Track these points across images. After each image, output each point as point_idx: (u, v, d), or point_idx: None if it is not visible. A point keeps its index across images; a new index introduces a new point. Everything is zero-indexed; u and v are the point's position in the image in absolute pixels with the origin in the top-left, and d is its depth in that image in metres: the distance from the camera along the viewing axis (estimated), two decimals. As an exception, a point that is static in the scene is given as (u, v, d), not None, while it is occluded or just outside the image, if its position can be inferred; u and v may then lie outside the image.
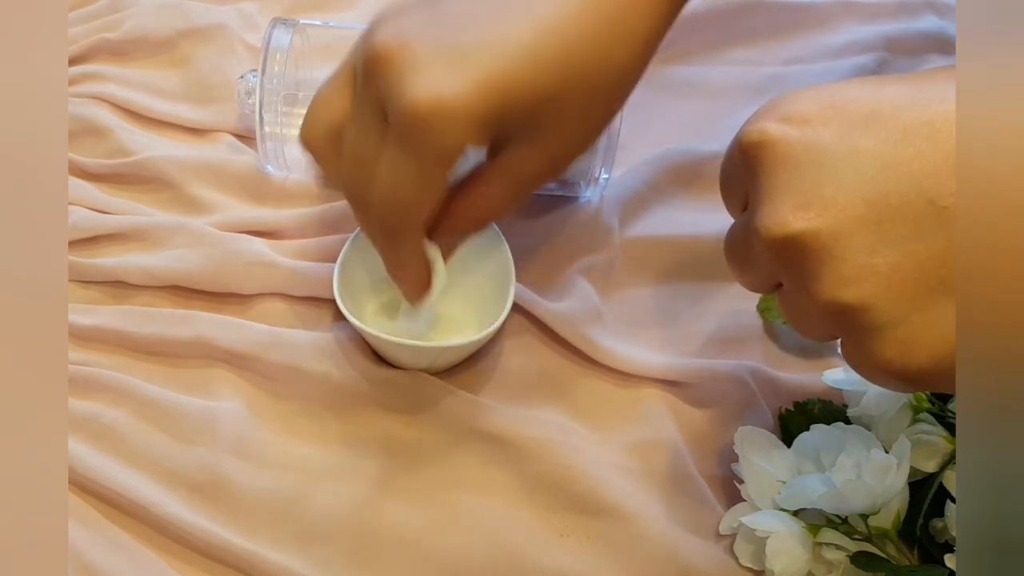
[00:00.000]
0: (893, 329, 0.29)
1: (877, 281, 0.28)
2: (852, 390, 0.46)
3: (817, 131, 0.30)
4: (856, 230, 0.28)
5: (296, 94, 0.56)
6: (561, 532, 0.45)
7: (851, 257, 0.28)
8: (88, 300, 0.53)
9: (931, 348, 0.28)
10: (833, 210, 0.29)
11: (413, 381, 0.48)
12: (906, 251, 0.28)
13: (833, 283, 0.29)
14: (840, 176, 0.29)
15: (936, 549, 0.42)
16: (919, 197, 0.28)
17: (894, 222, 0.28)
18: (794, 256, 0.30)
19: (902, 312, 0.28)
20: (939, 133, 0.28)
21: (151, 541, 0.44)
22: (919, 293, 0.28)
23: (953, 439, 0.43)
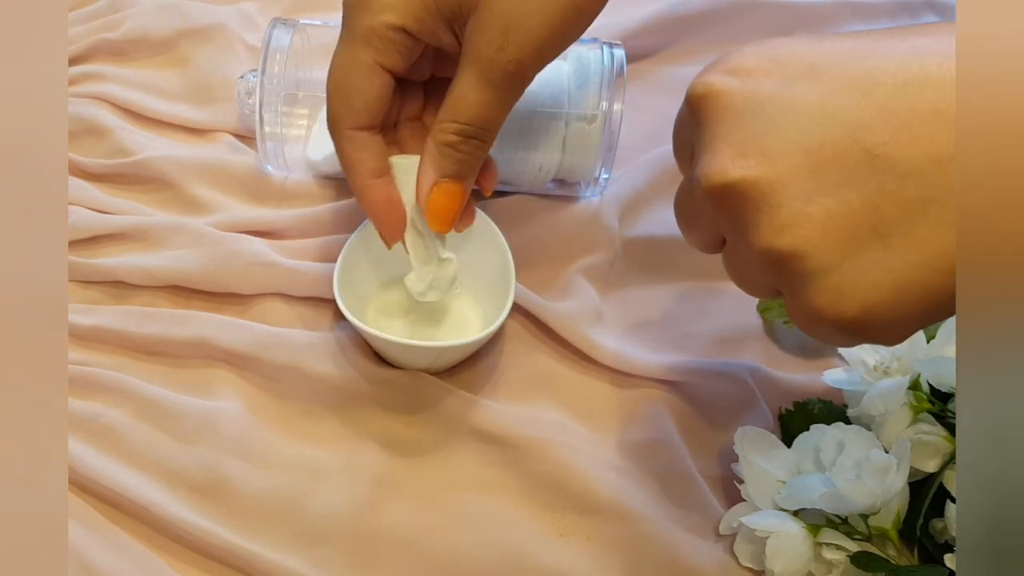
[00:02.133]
0: (826, 276, 0.29)
1: (811, 228, 0.29)
2: (852, 390, 0.46)
3: (758, 82, 0.30)
4: (792, 178, 0.29)
5: (296, 94, 0.56)
6: (561, 532, 0.45)
7: (786, 204, 0.29)
8: (88, 300, 0.53)
9: (863, 295, 0.29)
10: (770, 158, 0.29)
11: (413, 381, 0.48)
12: (840, 199, 0.28)
13: (769, 230, 0.29)
14: (778, 126, 0.29)
15: (936, 549, 0.42)
16: (854, 145, 0.28)
17: (829, 170, 0.29)
18: (732, 204, 0.30)
19: (835, 259, 0.29)
20: (875, 85, 0.29)
21: (151, 541, 0.44)
22: (852, 240, 0.28)
23: (953, 439, 0.43)
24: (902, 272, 0.28)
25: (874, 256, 0.28)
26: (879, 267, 0.28)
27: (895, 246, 0.28)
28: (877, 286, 0.28)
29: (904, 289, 0.28)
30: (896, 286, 0.28)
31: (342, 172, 0.57)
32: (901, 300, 0.28)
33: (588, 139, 0.52)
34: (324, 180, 0.58)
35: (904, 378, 0.44)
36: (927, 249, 0.28)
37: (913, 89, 0.28)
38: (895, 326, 0.29)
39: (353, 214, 0.55)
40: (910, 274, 0.28)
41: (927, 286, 0.28)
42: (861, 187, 0.28)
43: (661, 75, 0.65)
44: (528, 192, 0.56)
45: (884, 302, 0.29)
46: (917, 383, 0.44)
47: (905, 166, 0.28)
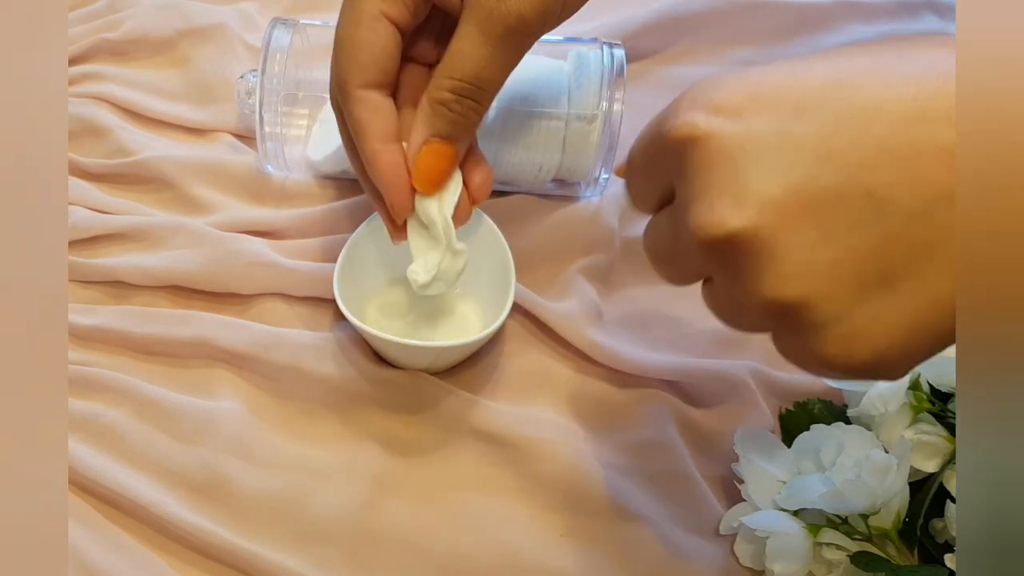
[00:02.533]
0: (837, 325, 0.28)
1: (818, 278, 0.28)
2: (852, 390, 0.46)
3: (749, 123, 0.29)
4: (795, 226, 0.28)
5: (296, 94, 0.56)
6: (561, 532, 0.45)
7: (791, 254, 0.28)
8: (88, 300, 0.53)
9: (873, 342, 0.28)
10: (771, 206, 0.28)
11: (413, 381, 0.48)
12: (846, 245, 0.28)
13: (774, 282, 0.28)
14: (776, 170, 0.28)
15: (936, 549, 0.42)
16: (856, 188, 0.27)
17: (833, 216, 0.28)
18: (732, 255, 0.29)
19: (844, 308, 0.28)
20: (871, 122, 0.28)
21: (151, 541, 0.44)
22: (860, 287, 0.28)
23: (953, 439, 0.43)
24: (912, 316, 0.28)
25: (884, 302, 0.28)
26: (890, 312, 0.28)
27: (904, 290, 0.27)
28: (888, 332, 0.28)
29: (915, 332, 0.28)
30: (907, 330, 0.28)
31: (342, 172, 0.57)
32: (912, 343, 0.28)
33: (588, 139, 0.52)
34: (324, 180, 0.58)
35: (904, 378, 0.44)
36: (937, 291, 0.27)
37: (911, 123, 0.27)
38: (904, 365, 0.29)
39: (353, 214, 0.55)
40: (920, 317, 0.28)
41: (938, 328, 0.28)
42: (867, 231, 0.27)
43: (661, 75, 0.65)
44: (528, 192, 0.56)
45: (895, 346, 0.28)
46: (917, 383, 0.44)
47: (910, 207, 0.27)
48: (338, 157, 0.56)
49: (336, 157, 0.56)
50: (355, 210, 0.55)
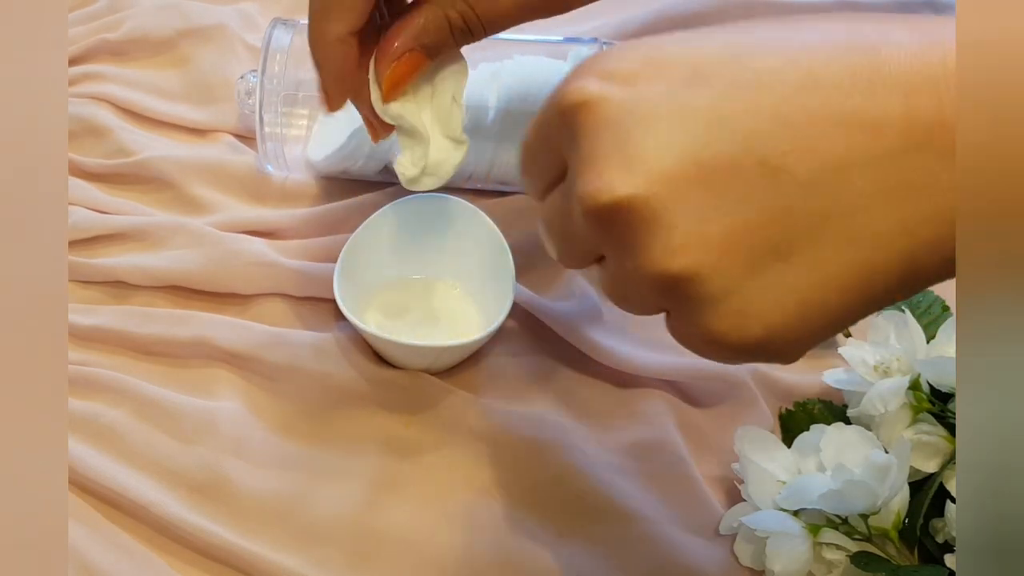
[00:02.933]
0: (726, 300, 0.27)
1: (708, 250, 0.26)
2: (852, 390, 0.46)
3: (642, 89, 0.27)
4: (686, 195, 0.26)
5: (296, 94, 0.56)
6: (561, 532, 0.45)
7: (681, 224, 0.26)
8: (88, 300, 0.53)
9: (765, 317, 0.27)
10: (661, 174, 0.26)
11: (413, 381, 0.48)
12: (738, 216, 0.26)
13: (662, 253, 0.27)
14: (668, 137, 0.27)
15: (936, 549, 0.42)
16: (749, 157, 0.26)
17: (725, 185, 0.26)
18: (619, 225, 0.27)
19: (735, 282, 0.27)
20: (764, 88, 0.26)
21: (151, 541, 0.44)
22: (752, 260, 0.27)
23: (953, 439, 0.43)
24: (806, 291, 0.27)
25: (776, 276, 0.27)
26: (783, 287, 0.27)
27: (797, 263, 0.26)
28: (780, 307, 0.27)
29: (807, 308, 0.27)
30: (799, 305, 0.27)
31: (342, 172, 0.57)
32: (804, 319, 0.27)
33: (588, 139, 0.52)
34: (324, 180, 0.58)
35: (904, 378, 0.44)
36: (830, 266, 0.26)
37: (805, 92, 0.26)
38: (798, 345, 0.28)
39: (353, 214, 0.55)
40: (813, 293, 0.27)
41: (831, 304, 0.27)
42: (759, 202, 0.26)
43: (661, 75, 0.65)
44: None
45: (788, 322, 0.27)
46: (917, 383, 0.44)
47: (804, 177, 0.26)
48: (338, 157, 0.56)
49: (336, 157, 0.56)
50: (355, 210, 0.55)
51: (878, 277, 0.26)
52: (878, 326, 0.46)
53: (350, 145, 0.55)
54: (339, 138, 0.55)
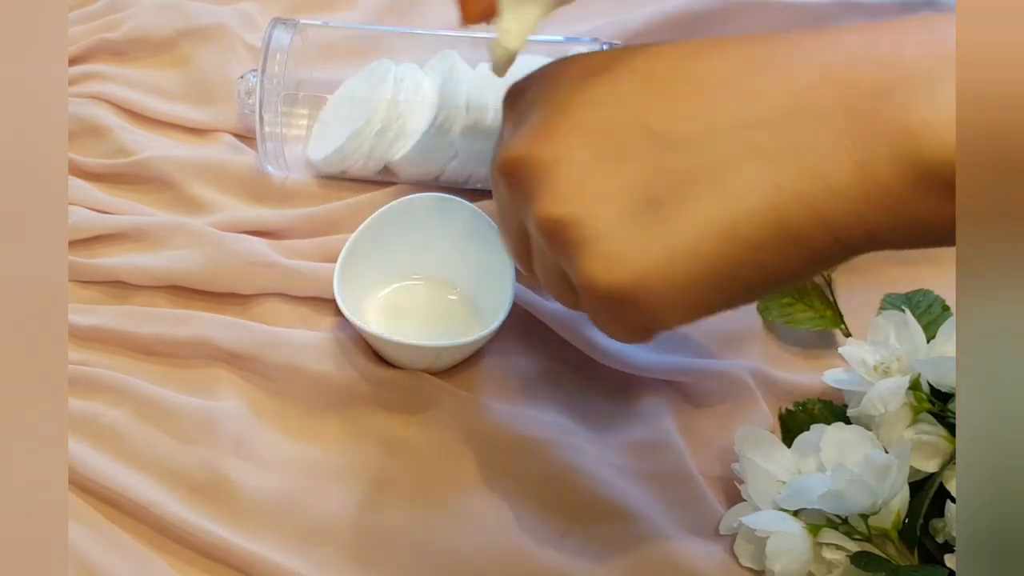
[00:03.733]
0: (598, 243, 0.29)
1: (588, 198, 0.30)
2: (852, 390, 0.46)
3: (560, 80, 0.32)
4: (576, 154, 0.30)
5: (296, 94, 0.56)
6: (561, 532, 0.45)
7: (566, 176, 0.30)
8: (88, 300, 0.53)
9: (632, 262, 0.29)
10: (558, 137, 0.31)
11: (413, 381, 0.48)
12: (618, 171, 0.30)
13: (549, 200, 0.30)
14: (567, 109, 0.31)
15: (936, 549, 0.42)
16: (632, 123, 0.30)
17: (611, 146, 0.30)
18: (518, 178, 0.31)
19: (608, 227, 0.29)
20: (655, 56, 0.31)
21: (151, 541, 0.44)
22: (627, 210, 0.29)
23: (953, 439, 0.43)
24: (672, 239, 0.29)
25: (646, 225, 0.29)
26: (650, 234, 0.29)
27: (667, 214, 0.29)
28: (647, 252, 0.29)
29: (673, 255, 0.29)
30: (666, 252, 0.29)
31: (342, 172, 0.57)
32: (671, 268, 0.29)
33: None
34: (324, 180, 0.58)
35: (904, 378, 0.44)
36: (697, 216, 0.29)
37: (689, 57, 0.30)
38: (668, 297, 0.29)
39: (353, 214, 0.55)
40: (679, 240, 0.29)
41: (697, 252, 0.29)
42: (639, 160, 0.29)
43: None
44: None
45: (654, 269, 0.29)
46: (917, 383, 0.44)
47: (680, 137, 0.29)
48: (338, 157, 0.56)
49: (336, 157, 0.56)
50: (355, 210, 0.55)
51: (746, 228, 0.28)
52: (878, 326, 0.46)
53: (350, 145, 0.55)
54: (339, 138, 0.55)
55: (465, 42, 0.59)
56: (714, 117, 0.29)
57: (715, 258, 0.29)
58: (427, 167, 0.56)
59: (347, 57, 0.61)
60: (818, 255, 0.29)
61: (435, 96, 0.55)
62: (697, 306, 0.30)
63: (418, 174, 0.56)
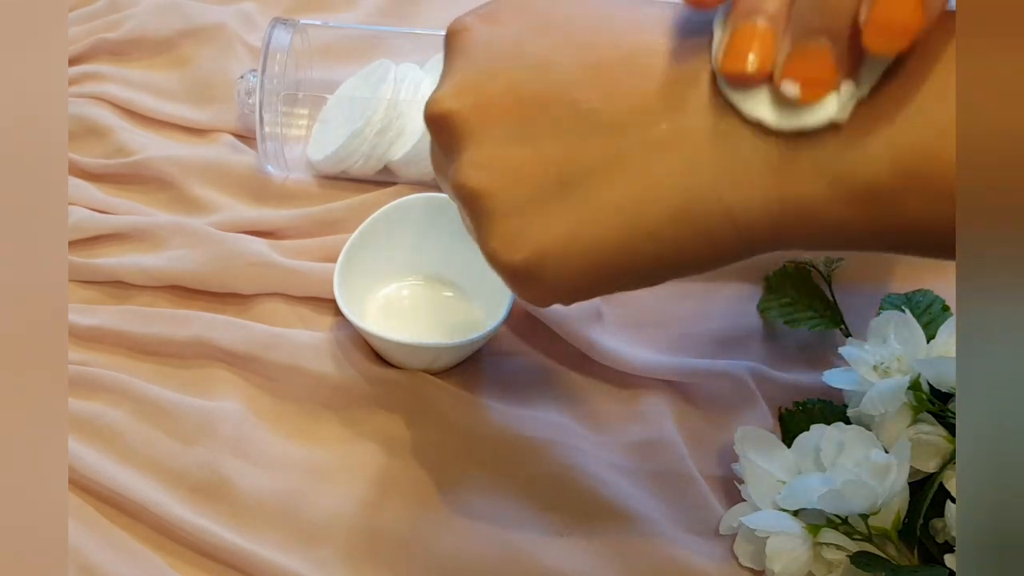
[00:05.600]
0: (504, 219, 0.30)
1: (504, 171, 0.29)
2: (852, 390, 0.46)
3: (499, 29, 0.31)
4: (499, 122, 0.30)
5: (296, 94, 0.56)
6: (561, 532, 0.45)
7: (488, 145, 0.30)
8: (88, 300, 0.53)
9: (533, 242, 0.29)
10: (484, 99, 0.30)
11: (413, 381, 0.48)
12: (537, 147, 0.29)
13: (466, 166, 0.30)
14: (501, 70, 0.30)
15: (936, 549, 0.42)
16: (564, 97, 0.29)
17: (536, 118, 0.29)
18: (443, 133, 0.31)
19: (516, 204, 0.29)
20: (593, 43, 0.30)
21: (151, 541, 0.44)
22: (537, 188, 0.29)
23: (953, 439, 0.43)
24: (574, 222, 0.29)
25: (554, 205, 0.29)
26: (555, 216, 0.29)
27: (575, 197, 0.29)
28: (549, 233, 0.29)
29: (575, 239, 0.29)
30: (568, 235, 0.29)
31: (342, 172, 0.57)
32: (570, 250, 0.29)
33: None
34: (324, 180, 0.58)
35: (904, 378, 0.44)
36: (603, 202, 0.29)
37: (631, 56, 0.29)
38: (566, 278, 0.30)
39: (353, 214, 0.55)
40: (582, 225, 0.29)
41: (598, 238, 0.29)
42: (562, 138, 0.29)
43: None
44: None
45: (553, 250, 0.29)
46: (917, 383, 0.44)
47: (606, 119, 0.29)
48: (338, 157, 0.56)
49: (336, 157, 0.56)
50: (355, 210, 0.55)
51: (648, 214, 0.28)
52: (878, 326, 0.46)
53: (350, 145, 0.55)
54: (339, 138, 0.55)
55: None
56: (643, 104, 0.28)
57: (615, 247, 0.29)
58: (427, 167, 0.56)
59: (347, 57, 0.61)
60: (723, 251, 0.29)
61: (435, 96, 0.55)
62: (594, 288, 0.31)
63: (418, 174, 0.56)
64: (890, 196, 0.26)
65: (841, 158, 0.26)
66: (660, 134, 0.28)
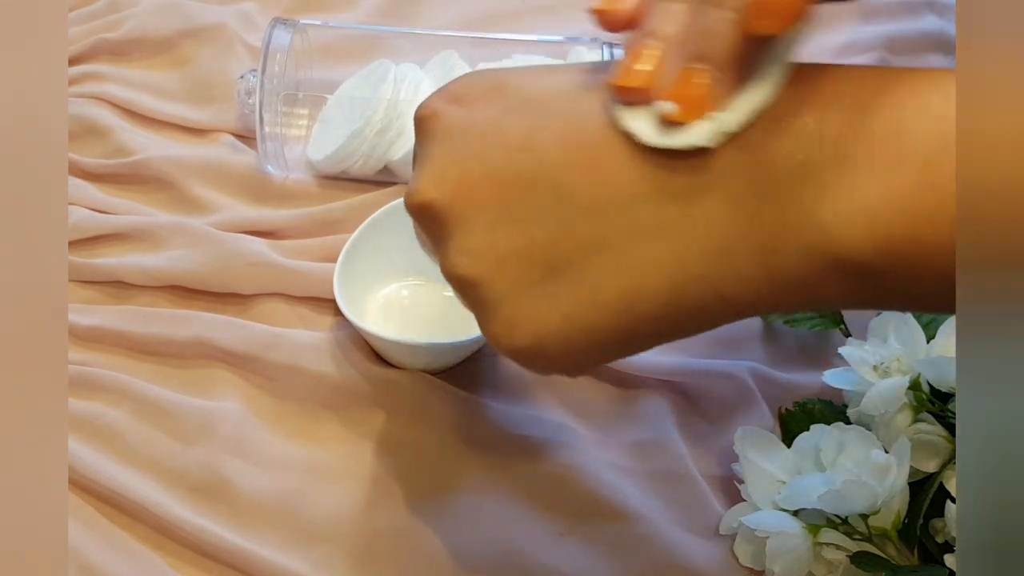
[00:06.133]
0: (500, 306, 0.30)
1: (493, 258, 0.30)
2: (852, 390, 0.46)
3: (473, 112, 0.31)
4: (484, 206, 0.30)
5: (296, 94, 0.56)
6: (561, 532, 0.45)
7: (474, 232, 0.30)
8: (88, 300, 0.53)
9: (532, 328, 0.29)
10: (466, 185, 0.30)
11: (413, 381, 0.48)
12: (523, 232, 0.29)
13: (455, 255, 0.30)
14: (482, 154, 0.30)
15: (936, 549, 0.42)
16: (545, 181, 0.29)
17: (519, 203, 0.29)
18: (428, 224, 0.31)
19: (510, 291, 0.30)
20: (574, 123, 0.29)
21: (151, 541, 0.44)
22: (528, 274, 0.29)
23: (953, 439, 0.43)
24: (570, 308, 0.29)
25: (547, 290, 0.29)
26: (550, 301, 0.29)
27: (566, 282, 0.29)
28: (546, 320, 0.29)
29: (572, 324, 0.29)
30: (564, 320, 0.29)
31: (342, 172, 0.57)
32: (569, 335, 0.29)
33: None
34: (324, 180, 0.58)
35: (904, 378, 0.44)
36: (597, 288, 0.29)
37: (612, 135, 0.28)
38: (569, 358, 0.30)
39: (353, 214, 0.55)
40: (578, 311, 0.29)
41: (596, 325, 0.29)
42: (545, 222, 0.29)
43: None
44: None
45: (552, 336, 0.29)
46: (917, 383, 0.44)
47: (588, 204, 0.28)
48: (338, 157, 0.56)
49: (336, 157, 0.56)
50: (355, 210, 0.55)
51: (645, 304, 0.29)
52: (878, 326, 0.46)
53: (350, 145, 0.55)
54: (339, 138, 0.55)
55: (465, 42, 0.59)
56: (624, 188, 0.28)
57: (612, 329, 0.29)
58: (427, 167, 0.56)
59: (347, 57, 0.61)
60: (713, 322, 0.30)
61: (435, 96, 0.55)
62: (597, 362, 0.31)
63: (418, 174, 0.56)
64: (877, 273, 0.27)
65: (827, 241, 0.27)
66: (641, 221, 0.28)
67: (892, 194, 0.26)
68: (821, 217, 0.27)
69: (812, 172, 0.27)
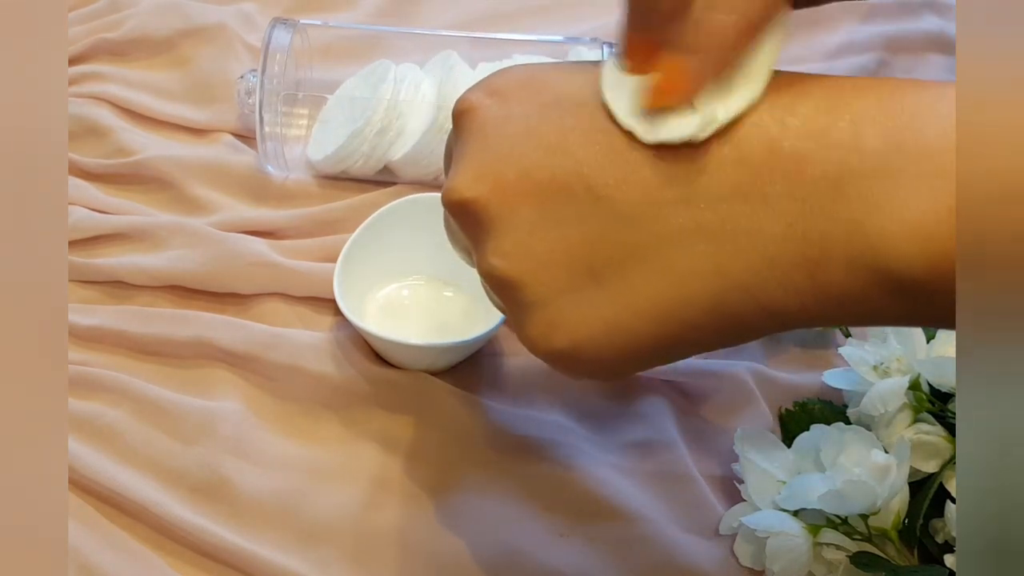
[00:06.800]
0: (540, 309, 0.30)
1: (532, 260, 0.29)
2: (852, 390, 0.46)
3: (511, 108, 0.31)
4: (521, 207, 0.29)
5: (296, 94, 0.56)
6: (561, 532, 0.45)
7: (512, 232, 0.29)
8: (88, 300, 0.53)
9: (571, 332, 0.29)
10: (503, 185, 0.30)
11: (413, 381, 0.48)
12: (562, 235, 0.29)
13: (493, 255, 0.30)
14: (518, 153, 0.30)
15: (936, 549, 0.42)
16: (580, 183, 0.29)
17: (556, 205, 0.29)
18: (466, 221, 0.31)
19: (550, 294, 0.29)
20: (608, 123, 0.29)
21: (151, 541, 0.44)
22: (567, 277, 0.29)
23: (953, 439, 0.43)
24: (611, 314, 0.29)
25: (587, 295, 0.29)
26: (590, 306, 0.29)
27: (607, 287, 0.29)
28: (586, 324, 0.29)
29: (613, 330, 0.29)
30: (605, 326, 0.29)
31: (342, 172, 0.57)
32: (609, 340, 0.29)
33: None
34: (324, 180, 0.58)
35: (904, 378, 0.44)
36: (637, 294, 0.28)
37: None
38: (606, 364, 0.30)
39: (353, 214, 0.55)
40: (618, 316, 0.29)
41: (635, 330, 0.29)
42: (583, 225, 0.29)
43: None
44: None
45: (591, 340, 0.29)
46: (917, 383, 0.44)
47: (625, 209, 0.28)
48: (338, 157, 0.56)
49: (336, 157, 0.56)
50: (355, 210, 0.55)
51: (686, 311, 0.28)
52: (878, 326, 0.46)
53: (350, 145, 0.55)
54: (339, 138, 0.55)
55: (465, 42, 0.59)
56: (656, 193, 0.28)
57: (652, 336, 0.29)
58: (427, 167, 0.56)
59: (347, 57, 0.61)
60: (754, 332, 0.29)
61: (435, 96, 0.55)
62: (634, 369, 0.31)
63: (418, 174, 0.56)
64: (929, 291, 0.26)
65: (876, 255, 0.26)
66: (678, 226, 0.28)
67: (944, 210, 0.25)
68: (868, 234, 0.26)
69: (852, 182, 0.26)
